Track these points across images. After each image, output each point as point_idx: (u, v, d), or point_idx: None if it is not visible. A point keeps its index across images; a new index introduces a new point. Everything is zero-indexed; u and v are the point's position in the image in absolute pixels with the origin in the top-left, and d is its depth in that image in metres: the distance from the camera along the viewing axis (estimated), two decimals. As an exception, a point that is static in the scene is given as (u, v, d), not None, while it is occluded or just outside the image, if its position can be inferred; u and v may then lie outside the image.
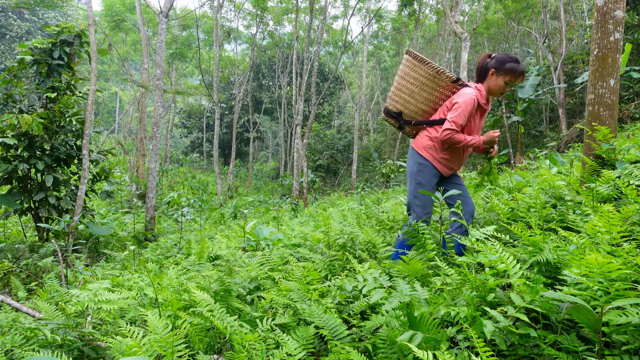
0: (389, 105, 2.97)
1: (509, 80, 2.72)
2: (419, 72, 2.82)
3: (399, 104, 2.93)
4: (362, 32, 24.05)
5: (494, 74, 2.74)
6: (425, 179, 2.80)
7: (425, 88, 2.83)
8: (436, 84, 2.82)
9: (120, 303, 2.29)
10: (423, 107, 2.89)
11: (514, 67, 2.70)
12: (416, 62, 2.81)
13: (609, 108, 3.15)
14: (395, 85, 2.93)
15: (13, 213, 7.01)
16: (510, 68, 2.70)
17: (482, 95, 2.76)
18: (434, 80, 2.81)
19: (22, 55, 6.98)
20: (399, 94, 2.90)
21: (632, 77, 9.59)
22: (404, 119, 2.95)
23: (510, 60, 2.72)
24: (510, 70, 2.70)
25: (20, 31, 28.60)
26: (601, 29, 3.17)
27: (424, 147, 2.82)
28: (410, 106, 2.90)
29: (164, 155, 26.48)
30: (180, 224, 8.66)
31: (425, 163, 2.80)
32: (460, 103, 2.66)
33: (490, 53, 2.83)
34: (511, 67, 2.70)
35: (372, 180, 22.67)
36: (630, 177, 2.80)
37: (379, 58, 32.87)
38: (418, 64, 2.81)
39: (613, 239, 1.78)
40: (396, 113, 2.94)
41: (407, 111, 2.92)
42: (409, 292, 1.82)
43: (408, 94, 2.87)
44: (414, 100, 2.87)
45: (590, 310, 1.38)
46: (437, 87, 2.83)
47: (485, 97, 2.78)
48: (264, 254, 3.41)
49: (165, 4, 9.54)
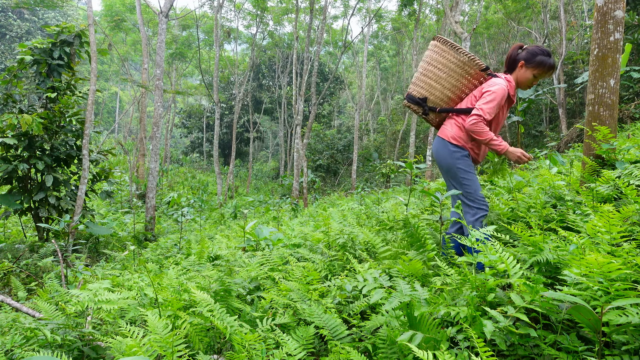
0: (412, 91, 2.86)
1: (538, 74, 2.65)
2: (447, 58, 2.72)
3: (423, 90, 2.82)
4: (362, 32, 24.05)
5: (524, 65, 2.66)
6: (468, 166, 2.67)
7: (453, 74, 2.73)
8: (465, 71, 2.72)
9: (120, 303, 2.29)
10: (449, 94, 2.78)
11: (544, 60, 2.63)
12: (446, 47, 2.72)
13: (609, 108, 3.15)
14: (420, 71, 2.83)
15: (13, 213, 7.01)
16: (540, 61, 2.63)
17: (512, 86, 2.68)
18: (463, 67, 2.71)
19: (22, 55, 6.97)
20: (425, 80, 2.80)
21: (632, 77, 9.59)
22: (429, 105, 2.84)
23: (541, 53, 2.64)
24: (540, 63, 2.63)
25: (20, 31, 28.60)
26: (601, 29, 3.17)
27: (455, 135, 2.70)
28: (435, 92, 2.79)
29: (164, 155, 26.48)
30: (180, 224, 8.67)
31: (462, 151, 2.67)
32: (492, 92, 2.57)
33: (522, 44, 2.75)
34: (541, 60, 2.63)
35: (372, 180, 22.67)
36: (630, 177, 2.80)
37: (379, 58, 32.87)
38: (448, 50, 2.71)
39: (613, 239, 1.78)
40: (420, 99, 2.83)
41: (432, 97, 2.81)
42: (409, 292, 1.82)
43: (434, 79, 2.77)
44: (440, 86, 2.77)
45: (590, 310, 1.38)
46: (466, 74, 2.73)
47: (514, 89, 2.70)
48: (264, 254, 3.41)
49: (165, 4, 9.54)
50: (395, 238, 3.43)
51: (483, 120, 2.54)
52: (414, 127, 17.97)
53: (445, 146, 2.71)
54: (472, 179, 2.63)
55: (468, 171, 2.65)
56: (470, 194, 2.62)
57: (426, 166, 4.05)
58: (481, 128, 2.54)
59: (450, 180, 2.72)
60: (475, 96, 2.70)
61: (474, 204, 2.61)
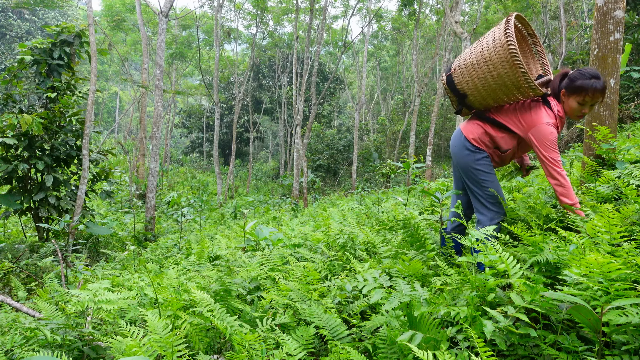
0: (456, 77, 2.55)
1: (583, 100, 2.34)
2: (504, 68, 2.32)
3: (466, 85, 2.52)
4: (362, 32, 24.05)
5: (564, 94, 2.40)
6: (489, 167, 2.50)
7: (503, 89, 2.40)
8: (520, 91, 2.39)
9: (120, 303, 2.29)
10: (490, 102, 2.52)
11: (584, 84, 2.31)
12: (508, 56, 2.28)
13: (609, 108, 3.15)
14: (471, 61, 2.46)
15: (13, 213, 7.01)
16: (579, 86, 2.32)
17: (561, 121, 2.43)
18: (516, 85, 2.35)
19: (22, 55, 6.98)
20: (472, 75, 2.46)
21: (632, 77, 9.59)
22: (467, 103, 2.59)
23: (581, 77, 2.33)
24: (579, 88, 2.32)
25: (20, 31, 28.60)
26: (601, 29, 3.17)
27: (477, 138, 2.51)
28: (477, 95, 2.51)
29: (164, 155, 26.47)
30: (180, 224, 8.67)
31: (482, 152, 2.50)
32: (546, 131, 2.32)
33: (568, 70, 2.44)
34: (581, 85, 2.32)
35: (372, 180, 22.67)
36: (630, 177, 2.80)
37: (379, 58, 32.87)
38: (506, 57, 2.28)
39: (613, 239, 1.78)
40: (461, 94, 2.56)
41: (472, 97, 2.54)
42: (409, 292, 1.82)
43: (483, 78, 2.42)
44: (485, 90, 2.45)
45: (590, 310, 1.38)
46: (518, 93, 2.40)
47: (563, 123, 2.45)
48: (264, 254, 3.42)
49: (165, 4, 9.54)
50: (395, 238, 3.43)
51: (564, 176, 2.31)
52: (414, 127, 17.97)
53: (462, 144, 2.54)
54: (493, 180, 2.50)
55: (489, 172, 2.49)
56: (491, 197, 2.49)
57: (425, 166, 4.04)
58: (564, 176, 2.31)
59: (466, 180, 2.57)
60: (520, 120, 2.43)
61: (493, 207, 2.49)
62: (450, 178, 10.21)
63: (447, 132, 25.43)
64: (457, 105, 2.65)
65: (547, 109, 2.40)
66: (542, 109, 2.40)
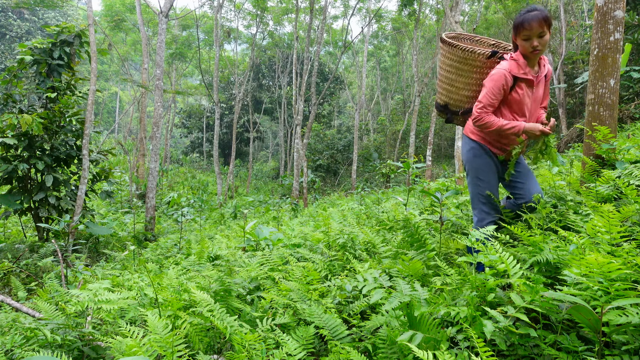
0: (437, 99, 2.78)
1: (524, 36, 2.35)
2: (451, 58, 2.58)
3: (443, 96, 2.73)
4: (362, 32, 24.06)
5: (514, 39, 2.43)
6: (484, 164, 2.53)
7: (461, 73, 2.58)
8: (471, 65, 2.55)
9: (120, 303, 2.29)
10: (466, 94, 2.65)
11: (517, 19, 2.36)
12: (445, 47, 2.59)
13: (609, 108, 3.15)
14: (438, 78, 2.76)
15: (13, 213, 7.01)
16: (516, 23, 2.37)
17: (519, 64, 2.41)
18: (467, 62, 2.54)
19: (22, 55, 6.98)
20: (442, 85, 2.71)
21: (632, 77, 9.59)
22: (452, 109, 2.73)
23: (517, 16, 2.39)
24: (516, 26, 2.37)
25: (20, 31, 28.60)
26: (601, 29, 3.17)
27: (472, 129, 2.60)
28: (453, 95, 2.69)
29: (164, 155, 26.47)
30: (180, 224, 8.67)
31: (477, 145, 2.56)
32: (486, 80, 2.43)
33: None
34: (516, 22, 2.37)
35: (372, 180, 22.67)
36: (630, 177, 2.80)
37: (379, 58, 32.87)
38: (448, 49, 2.58)
39: (613, 239, 1.78)
40: (442, 106, 2.75)
41: (452, 101, 2.71)
42: (409, 292, 1.82)
43: (448, 83, 2.66)
44: (455, 89, 2.66)
45: (590, 310, 1.38)
46: (474, 68, 2.55)
47: (524, 66, 2.40)
48: (264, 254, 3.41)
49: (165, 4, 9.54)
50: (395, 238, 3.43)
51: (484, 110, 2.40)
52: (414, 127, 17.97)
53: (465, 142, 2.63)
54: (484, 179, 2.52)
55: (485, 171, 2.52)
56: (476, 197, 2.52)
57: (425, 166, 4.04)
58: (484, 120, 2.40)
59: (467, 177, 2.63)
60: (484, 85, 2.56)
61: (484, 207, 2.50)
62: (450, 178, 10.21)
63: (447, 132, 25.42)
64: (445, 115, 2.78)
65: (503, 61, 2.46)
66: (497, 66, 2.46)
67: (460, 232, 3.30)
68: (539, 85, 2.49)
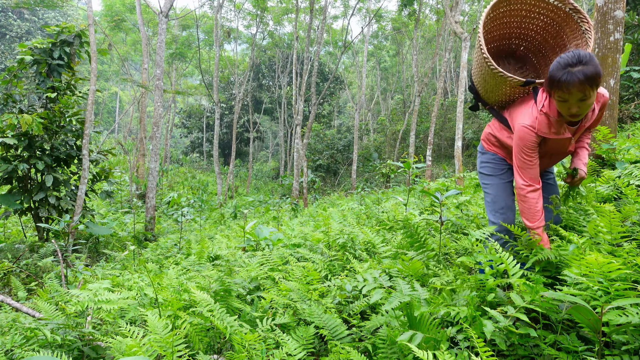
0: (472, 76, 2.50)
1: (561, 98, 1.82)
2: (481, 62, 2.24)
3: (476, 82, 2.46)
4: (362, 32, 24.05)
5: (549, 90, 1.90)
6: (492, 170, 2.34)
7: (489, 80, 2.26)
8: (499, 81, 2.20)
9: (120, 303, 2.29)
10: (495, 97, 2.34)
11: (554, 76, 1.80)
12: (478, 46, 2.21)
13: (609, 108, 3.15)
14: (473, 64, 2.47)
15: (13, 213, 7.01)
16: (550, 78, 1.82)
17: (550, 123, 1.96)
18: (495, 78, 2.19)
19: (22, 55, 6.97)
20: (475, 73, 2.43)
21: (632, 77, 9.58)
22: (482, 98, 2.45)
23: (554, 66, 1.81)
24: (550, 81, 1.82)
25: (20, 31, 28.60)
26: (601, 29, 3.17)
27: (486, 137, 2.42)
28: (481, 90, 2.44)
29: (164, 155, 26.47)
30: (180, 224, 8.67)
31: (486, 152, 2.41)
32: (515, 144, 2.05)
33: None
34: (551, 77, 1.81)
35: (372, 180, 22.67)
36: (630, 177, 2.80)
37: (379, 58, 32.87)
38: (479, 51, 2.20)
39: (613, 239, 1.78)
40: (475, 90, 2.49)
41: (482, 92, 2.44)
42: (409, 292, 1.82)
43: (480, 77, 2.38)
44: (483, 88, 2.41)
45: (590, 310, 1.38)
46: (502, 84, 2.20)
47: (555, 124, 1.96)
48: (264, 254, 3.41)
49: (165, 4, 9.54)
50: (395, 238, 3.43)
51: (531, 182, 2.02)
52: (414, 127, 17.96)
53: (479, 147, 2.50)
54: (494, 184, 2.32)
55: (490, 175, 2.34)
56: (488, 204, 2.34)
57: (425, 166, 4.04)
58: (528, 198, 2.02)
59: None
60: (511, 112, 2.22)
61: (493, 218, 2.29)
62: (450, 178, 10.21)
63: (447, 132, 25.41)
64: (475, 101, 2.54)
65: (534, 105, 2.06)
66: (528, 105, 2.09)
67: (461, 232, 3.30)
68: (580, 129, 2.04)
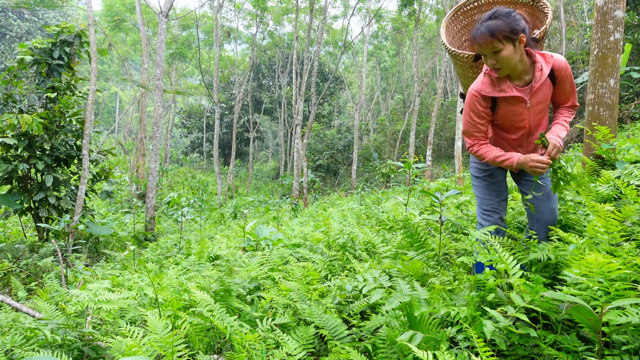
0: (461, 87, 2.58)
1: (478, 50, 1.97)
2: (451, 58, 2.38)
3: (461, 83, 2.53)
4: (362, 32, 24.05)
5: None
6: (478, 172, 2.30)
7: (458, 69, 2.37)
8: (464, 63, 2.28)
9: (120, 303, 2.29)
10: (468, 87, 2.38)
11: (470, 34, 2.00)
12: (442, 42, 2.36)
13: (609, 108, 3.15)
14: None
15: (13, 213, 7.01)
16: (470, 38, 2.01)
17: (492, 81, 2.02)
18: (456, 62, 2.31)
19: (22, 55, 6.98)
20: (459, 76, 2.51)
21: (632, 77, 9.59)
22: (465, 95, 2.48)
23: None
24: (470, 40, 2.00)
25: (20, 31, 28.60)
26: (601, 29, 3.17)
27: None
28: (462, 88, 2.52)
29: (164, 155, 26.47)
30: (180, 224, 8.67)
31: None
32: (463, 113, 2.16)
33: None
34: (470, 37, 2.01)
35: (372, 180, 22.67)
36: (630, 177, 2.80)
37: (379, 58, 32.87)
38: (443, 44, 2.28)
39: (613, 239, 1.78)
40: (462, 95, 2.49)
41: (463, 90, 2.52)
42: (409, 292, 1.82)
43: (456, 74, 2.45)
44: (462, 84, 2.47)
45: (590, 310, 1.38)
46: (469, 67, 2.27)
47: (498, 82, 2.01)
48: (264, 254, 3.41)
49: (165, 4, 9.54)
50: (395, 238, 3.43)
51: (473, 141, 2.11)
52: (414, 127, 17.96)
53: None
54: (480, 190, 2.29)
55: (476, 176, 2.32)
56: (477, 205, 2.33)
57: (425, 166, 4.04)
58: (476, 152, 2.11)
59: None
60: None
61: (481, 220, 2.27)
62: (450, 178, 10.21)
63: (447, 132, 25.42)
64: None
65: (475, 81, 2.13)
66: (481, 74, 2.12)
67: (461, 232, 3.30)
68: (537, 94, 2.01)
